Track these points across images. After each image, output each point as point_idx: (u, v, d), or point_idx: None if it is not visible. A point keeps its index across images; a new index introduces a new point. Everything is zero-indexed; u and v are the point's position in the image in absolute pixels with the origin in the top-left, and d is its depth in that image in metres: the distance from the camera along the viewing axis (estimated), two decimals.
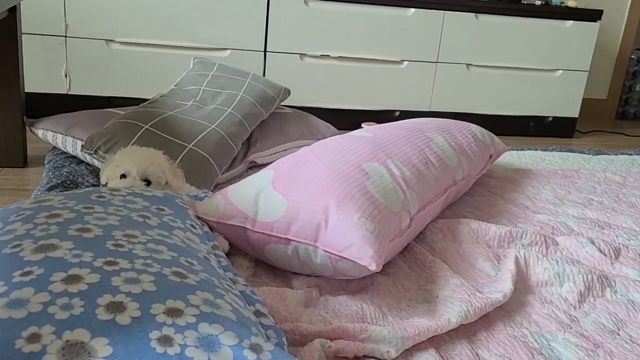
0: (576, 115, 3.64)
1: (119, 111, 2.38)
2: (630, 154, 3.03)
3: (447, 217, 1.99)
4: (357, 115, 3.32)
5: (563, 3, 3.52)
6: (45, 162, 2.27)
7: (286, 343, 1.11)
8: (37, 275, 0.92)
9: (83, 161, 2.23)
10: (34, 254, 0.97)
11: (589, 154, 3.00)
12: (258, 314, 1.14)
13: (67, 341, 0.82)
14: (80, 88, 3.00)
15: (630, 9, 4.16)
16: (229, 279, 1.21)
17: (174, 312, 0.90)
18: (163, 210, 1.27)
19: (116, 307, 0.88)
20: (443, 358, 1.25)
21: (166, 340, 0.85)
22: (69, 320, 0.85)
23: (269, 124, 2.50)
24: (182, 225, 1.25)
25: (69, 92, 2.99)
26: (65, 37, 2.91)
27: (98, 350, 0.82)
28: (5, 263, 0.96)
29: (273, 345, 0.92)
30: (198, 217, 1.48)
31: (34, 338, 0.82)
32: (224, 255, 1.30)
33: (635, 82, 4.40)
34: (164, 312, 0.89)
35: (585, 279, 1.58)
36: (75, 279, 0.92)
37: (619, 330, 1.42)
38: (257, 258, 1.58)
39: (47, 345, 0.81)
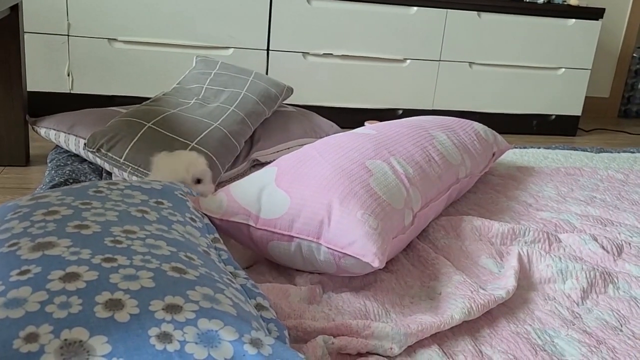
0: (579, 114, 3.63)
1: (122, 110, 2.38)
2: (633, 152, 3.03)
3: (450, 215, 1.99)
4: (360, 114, 3.32)
5: (565, 1, 3.51)
6: (48, 160, 2.27)
7: (288, 336, 1.11)
8: (35, 274, 0.91)
9: (86, 159, 2.23)
10: (31, 253, 0.97)
11: (591, 151, 2.99)
12: (259, 307, 1.13)
13: (66, 340, 0.81)
14: (83, 87, 3.00)
15: (632, 7, 4.15)
16: (230, 272, 1.20)
17: (173, 308, 0.89)
18: (162, 203, 1.27)
19: (115, 305, 0.88)
20: (446, 354, 1.25)
21: (165, 337, 0.85)
22: (67, 318, 0.84)
23: (272, 122, 2.50)
24: (182, 219, 1.24)
25: (72, 91, 3.00)
26: (68, 36, 2.91)
27: (97, 349, 0.81)
28: (2, 262, 0.95)
29: (274, 339, 0.91)
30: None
31: (32, 338, 0.81)
32: (225, 248, 1.29)
33: (637, 81, 4.38)
34: (163, 309, 0.89)
35: (588, 276, 1.57)
36: (73, 276, 0.91)
37: (621, 326, 1.41)
38: (260, 255, 1.58)
39: (45, 344, 0.80)
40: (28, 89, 2.92)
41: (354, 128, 2.18)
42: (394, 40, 3.25)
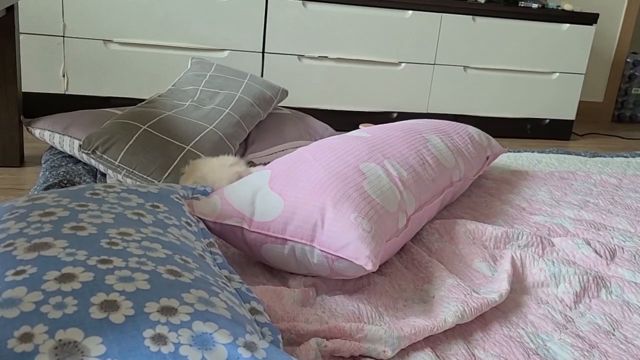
0: (573, 118, 3.65)
1: (117, 111, 2.38)
2: (626, 156, 3.04)
3: (444, 218, 1.99)
4: (354, 117, 3.32)
5: (559, 6, 3.52)
6: (42, 161, 2.27)
7: (281, 341, 1.11)
8: (30, 274, 0.91)
9: (80, 161, 2.23)
10: (27, 253, 0.97)
11: (585, 156, 3.00)
12: (253, 311, 1.13)
13: (60, 340, 0.82)
14: (78, 88, 3.00)
15: (626, 12, 4.17)
16: (225, 276, 1.20)
17: (168, 311, 0.90)
18: (158, 207, 1.27)
19: (110, 306, 0.88)
20: (439, 358, 1.25)
21: (160, 339, 0.85)
22: (62, 319, 0.84)
23: (267, 125, 2.50)
24: (177, 223, 1.24)
25: (67, 92, 2.99)
26: (63, 37, 2.91)
27: (91, 349, 0.81)
28: None
29: (268, 343, 0.92)
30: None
31: (27, 338, 0.81)
32: (220, 253, 1.30)
33: (630, 86, 4.40)
34: (157, 311, 0.89)
35: (581, 280, 1.58)
36: (68, 277, 0.91)
37: (614, 330, 1.42)
38: (254, 258, 1.58)
39: (39, 344, 0.81)
40: (23, 90, 2.92)
41: (348, 131, 2.19)
42: (389, 44, 3.26)
